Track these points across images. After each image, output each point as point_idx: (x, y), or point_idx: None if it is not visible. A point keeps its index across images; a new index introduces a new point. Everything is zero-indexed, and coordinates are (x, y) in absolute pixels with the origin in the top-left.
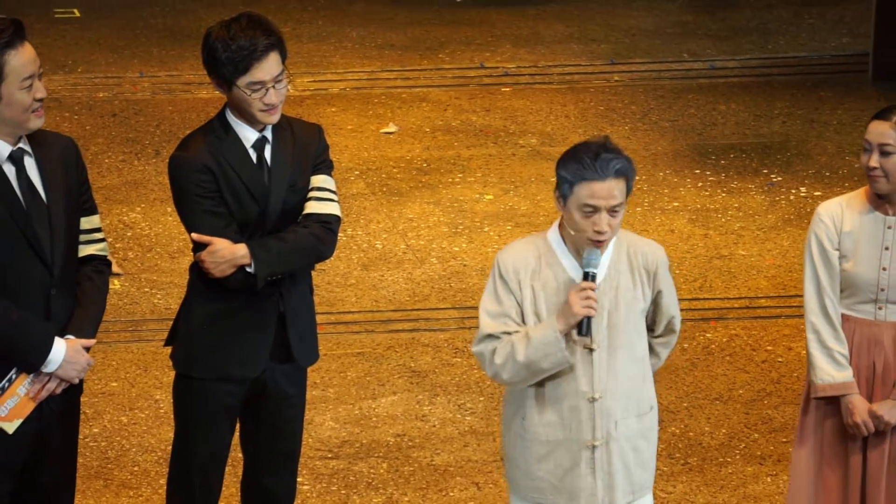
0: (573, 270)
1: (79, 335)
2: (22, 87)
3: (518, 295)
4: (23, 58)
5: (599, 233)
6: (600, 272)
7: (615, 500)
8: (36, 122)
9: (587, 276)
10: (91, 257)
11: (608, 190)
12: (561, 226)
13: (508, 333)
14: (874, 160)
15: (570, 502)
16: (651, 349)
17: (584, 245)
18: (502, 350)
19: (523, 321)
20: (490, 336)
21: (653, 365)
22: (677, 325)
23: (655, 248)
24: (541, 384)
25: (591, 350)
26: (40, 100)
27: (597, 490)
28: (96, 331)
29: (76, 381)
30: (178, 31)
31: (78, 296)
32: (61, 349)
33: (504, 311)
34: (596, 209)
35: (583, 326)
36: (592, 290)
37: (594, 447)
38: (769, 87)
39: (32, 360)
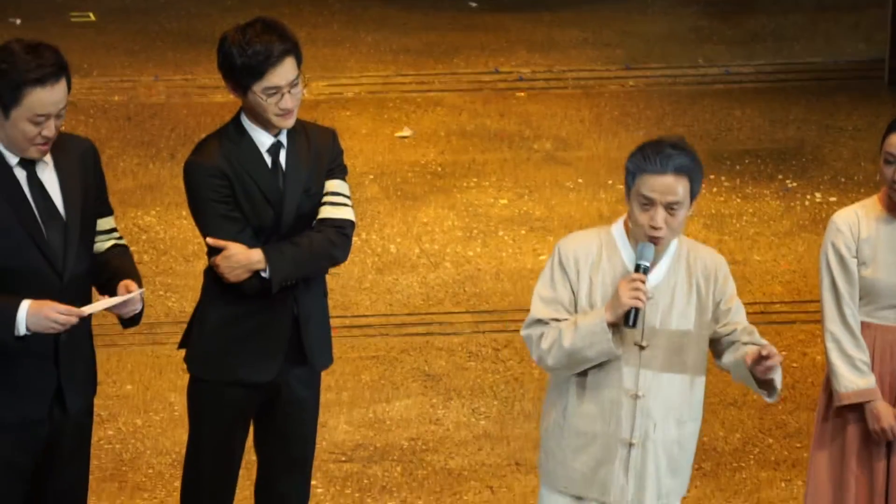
0: (632, 263)
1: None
2: (32, 120)
3: (575, 284)
4: (45, 98)
5: (654, 228)
6: (658, 273)
7: (643, 502)
8: (35, 153)
9: (639, 269)
10: (113, 246)
11: (665, 184)
12: (626, 219)
13: (558, 321)
14: None
15: (600, 496)
16: (738, 352)
17: (642, 239)
18: (550, 335)
19: (576, 310)
20: (539, 321)
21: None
22: (754, 330)
23: (716, 256)
24: (585, 374)
25: (641, 347)
26: (47, 137)
27: (627, 488)
28: (140, 280)
29: (55, 329)
30: (193, 35)
31: (108, 262)
32: (23, 309)
33: (557, 297)
34: (652, 203)
35: (630, 318)
36: (643, 281)
37: (631, 445)
38: (784, 92)
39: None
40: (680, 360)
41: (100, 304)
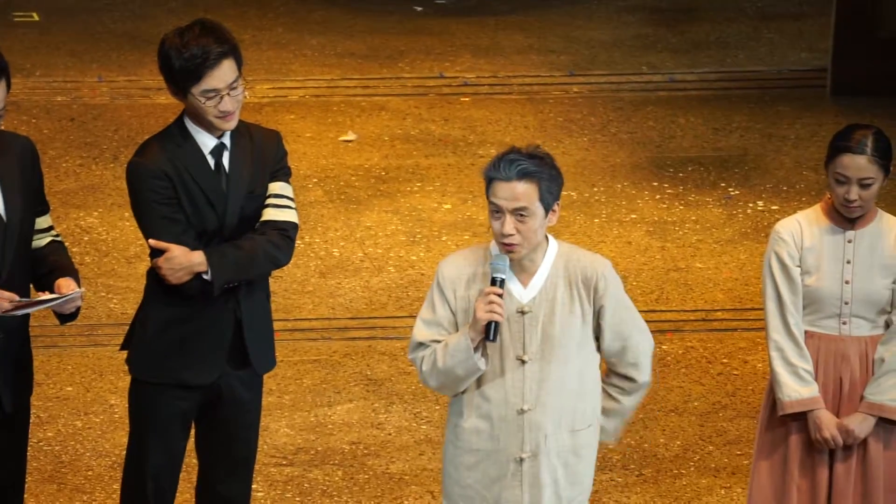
0: (510, 282)
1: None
2: None
3: (453, 304)
4: None
5: (504, 235)
6: (535, 285)
7: None
8: None
9: (494, 282)
10: (50, 242)
11: (510, 190)
12: None
13: (438, 342)
14: (854, 193)
15: None
16: (604, 390)
17: (501, 250)
18: (429, 358)
19: (456, 330)
20: (421, 344)
21: (613, 410)
22: (641, 366)
23: (598, 262)
24: (473, 393)
25: (522, 361)
26: None
27: (523, 502)
28: (78, 279)
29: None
30: (138, 36)
31: (46, 257)
32: None
33: (437, 319)
34: (500, 209)
35: (490, 332)
36: (498, 295)
37: (522, 459)
38: (728, 100)
39: None
40: (566, 370)
41: (40, 301)
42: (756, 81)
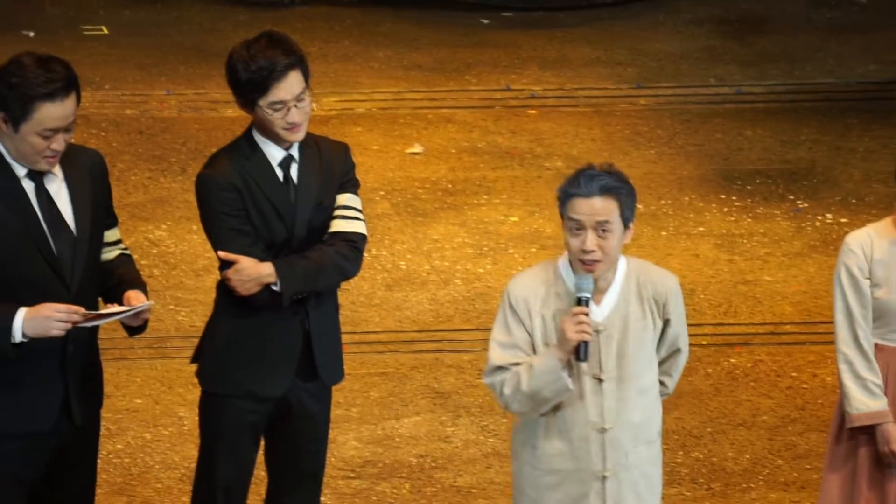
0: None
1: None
2: (41, 134)
3: (528, 325)
4: (54, 112)
5: (586, 251)
6: (608, 304)
7: None
8: (44, 166)
9: (580, 302)
10: (119, 255)
11: (591, 206)
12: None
13: (518, 364)
14: None
15: None
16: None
17: (578, 267)
18: (510, 381)
19: (534, 351)
20: (499, 368)
21: (661, 394)
22: (681, 362)
23: (667, 277)
24: (551, 414)
25: (600, 380)
26: (56, 151)
27: None
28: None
29: (56, 330)
30: (206, 50)
31: (114, 270)
32: (19, 316)
33: (514, 342)
34: (581, 225)
35: (580, 352)
36: (585, 314)
37: (605, 478)
38: (796, 113)
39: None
40: (640, 384)
41: (109, 313)
42: (824, 94)
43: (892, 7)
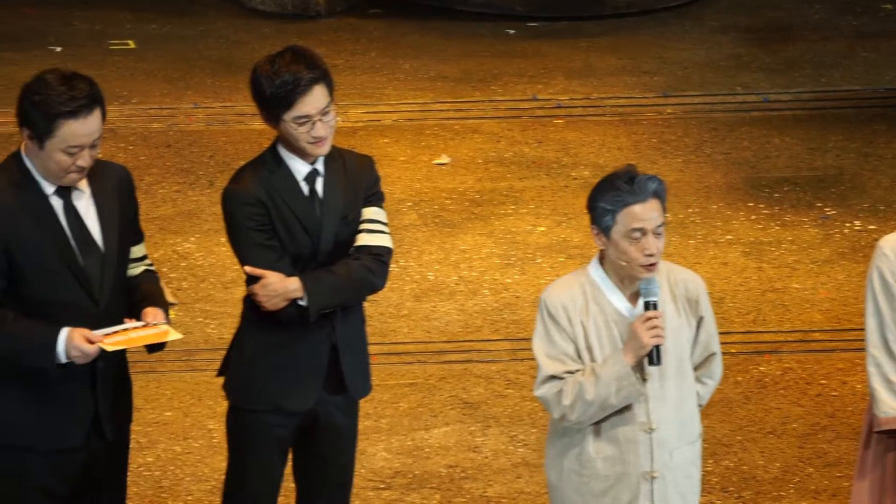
0: (620, 304)
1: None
2: (66, 151)
3: (570, 332)
4: (78, 129)
5: (650, 255)
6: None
7: None
8: (69, 182)
9: (648, 306)
10: (144, 271)
11: (650, 210)
12: (601, 260)
13: (570, 372)
14: None
15: None
16: None
17: (635, 274)
18: (570, 390)
19: (579, 358)
20: (553, 377)
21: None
22: (716, 367)
23: (694, 276)
24: (599, 419)
25: (644, 380)
26: (81, 167)
27: None
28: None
29: (79, 361)
30: (232, 63)
31: (139, 286)
32: (62, 338)
33: (562, 350)
34: (644, 232)
35: (653, 356)
36: (657, 318)
37: (653, 478)
38: (823, 120)
39: (40, 362)
40: (682, 384)
41: (124, 329)
42: (852, 101)
43: None
